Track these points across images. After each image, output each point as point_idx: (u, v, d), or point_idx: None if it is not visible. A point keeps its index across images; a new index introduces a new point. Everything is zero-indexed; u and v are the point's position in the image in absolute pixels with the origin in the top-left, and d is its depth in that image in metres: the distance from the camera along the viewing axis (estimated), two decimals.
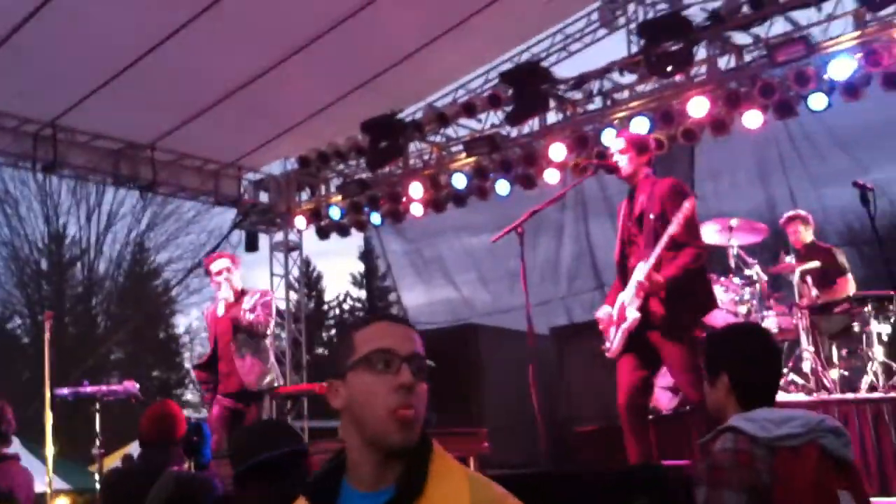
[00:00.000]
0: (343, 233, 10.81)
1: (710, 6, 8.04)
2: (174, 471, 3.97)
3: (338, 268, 46.83)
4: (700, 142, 8.43)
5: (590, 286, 10.61)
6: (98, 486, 5.92)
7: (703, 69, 8.07)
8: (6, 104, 8.87)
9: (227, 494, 3.70)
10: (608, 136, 8.01)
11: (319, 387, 7.37)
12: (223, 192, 10.97)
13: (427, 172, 9.80)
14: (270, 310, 6.74)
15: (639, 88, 8.45)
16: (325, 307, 33.15)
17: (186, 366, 28.87)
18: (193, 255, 25.67)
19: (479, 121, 9.43)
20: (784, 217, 7.86)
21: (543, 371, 5.59)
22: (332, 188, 10.77)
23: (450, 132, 9.74)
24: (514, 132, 9.14)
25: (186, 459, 4.33)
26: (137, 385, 6.70)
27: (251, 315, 6.54)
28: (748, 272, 7.15)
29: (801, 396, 6.52)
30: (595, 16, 9.40)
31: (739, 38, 7.93)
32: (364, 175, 10.22)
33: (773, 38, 7.59)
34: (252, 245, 11.30)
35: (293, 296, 11.53)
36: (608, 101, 8.67)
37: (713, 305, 5.21)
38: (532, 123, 8.97)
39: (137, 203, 25.44)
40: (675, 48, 7.70)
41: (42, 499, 7.02)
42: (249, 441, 3.23)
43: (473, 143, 9.19)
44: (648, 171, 5.14)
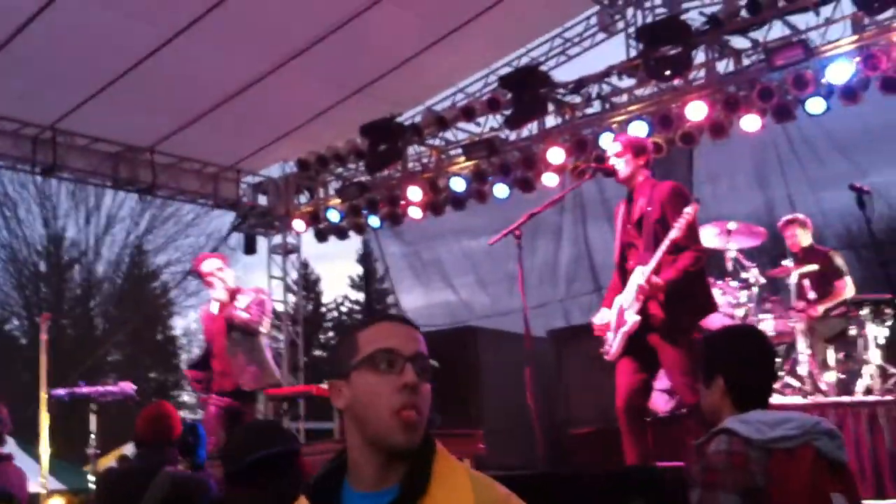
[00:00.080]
0: (342, 236, 10.81)
1: (709, 10, 8.06)
2: (170, 471, 3.98)
3: (336, 271, 46.87)
4: (699, 145, 8.45)
5: (588, 289, 10.62)
6: (93, 487, 5.91)
7: (702, 73, 8.09)
8: (6, 107, 8.89)
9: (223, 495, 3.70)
10: (607, 140, 8.01)
11: (316, 388, 7.38)
12: (222, 195, 10.99)
13: (426, 176, 9.81)
14: (265, 308, 6.72)
15: (637, 92, 8.47)
16: (324, 310, 33.14)
17: (183, 368, 28.84)
18: (192, 258, 25.61)
19: (478, 124, 9.45)
20: (782, 221, 7.85)
21: (542, 373, 5.60)
22: (331, 191, 10.77)
23: (449, 136, 9.76)
24: (513, 136, 9.16)
25: (182, 460, 4.33)
26: (134, 386, 6.71)
27: (245, 314, 6.54)
28: (745, 275, 7.15)
29: (798, 399, 6.51)
30: (594, 20, 9.39)
31: (738, 42, 7.95)
32: (363, 178, 10.23)
33: (772, 42, 7.60)
34: (251, 248, 11.31)
35: (291, 298, 11.54)
36: (607, 105, 8.68)
37: (713, 308, 5.20)
38: (531, 127, 8.98)
39: (136, 206, 25.51)
40: (674, 52, 7.71)
41: (36, 499, 7.01)
42: (243, 440, 3.22)
43: (472, 147, 9.20)
44: (647, 174, 5.13)
